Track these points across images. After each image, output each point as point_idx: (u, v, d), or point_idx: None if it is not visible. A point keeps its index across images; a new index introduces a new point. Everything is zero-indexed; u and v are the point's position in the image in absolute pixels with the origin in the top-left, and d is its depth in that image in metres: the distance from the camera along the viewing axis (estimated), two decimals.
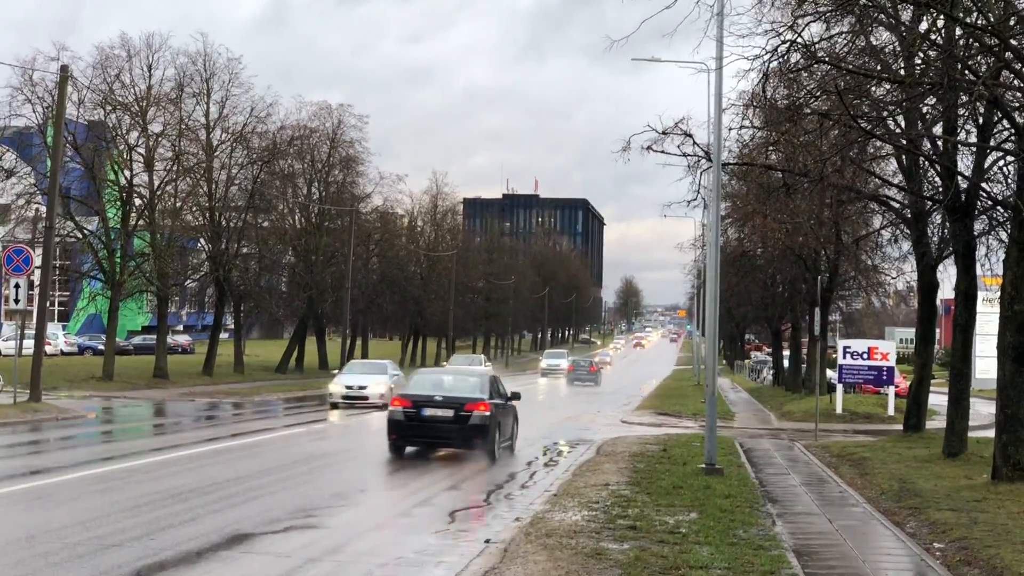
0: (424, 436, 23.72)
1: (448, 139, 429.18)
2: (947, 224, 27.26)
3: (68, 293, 76.52)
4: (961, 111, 22.22)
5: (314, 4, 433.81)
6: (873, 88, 20.95)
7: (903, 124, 24.49)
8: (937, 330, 38.89)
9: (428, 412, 23.24)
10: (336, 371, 45.82)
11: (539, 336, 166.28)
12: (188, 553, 12.35)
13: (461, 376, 26.32)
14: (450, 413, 23.17)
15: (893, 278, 45.54)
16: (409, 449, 23.93)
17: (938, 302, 34.18)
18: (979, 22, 17.41)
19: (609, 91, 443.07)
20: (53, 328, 71.77)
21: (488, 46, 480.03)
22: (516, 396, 25.78)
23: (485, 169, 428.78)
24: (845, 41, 21.68)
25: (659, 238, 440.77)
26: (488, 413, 23.21)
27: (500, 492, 18.55)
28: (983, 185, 23.74)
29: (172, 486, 17.88)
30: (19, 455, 23.17)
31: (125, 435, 28.95)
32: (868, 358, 35.12)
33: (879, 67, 21.20)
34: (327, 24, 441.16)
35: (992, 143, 22.49)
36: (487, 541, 13.30)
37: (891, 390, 37.54)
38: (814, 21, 20.26)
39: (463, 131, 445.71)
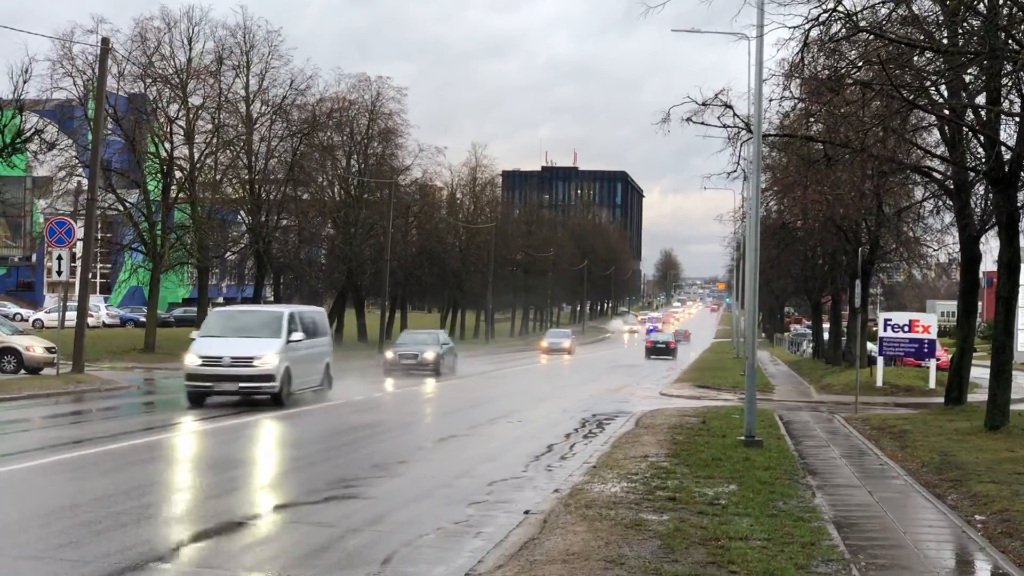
0: (657, 353, 74.41)
1: (517, 112, 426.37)
2: (990, 195, 27.01)
3: (110, 265, 77.22)
4: (1004, 80, 21.98)
5: None
6: (915, 58, 20.74)
7: (946, 94, 24.22)
8: (979, 302, 38.51)
9: (659, 345, 76.71)
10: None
11: (578, 309, 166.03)
12: (230, 523, 12.46)
13: (666, 332, 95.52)
14: (664, 345, 76.87)
15: (935, 250, 45.19)
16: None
17: (980, 274, 33.89)
18: None
19: (690, 62, 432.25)
20: (95, 300, 72.16)
21: (576, 16, 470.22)
22: (677, 340, 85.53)
23: (545, 143, 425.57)
24: (887, 10, 21.47)
25: (711, 209, 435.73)
26: (675, 345, 79.11)
27: (539, 464, 18.56)
28: None
29: (213, 456, 18.02)
30: (63, 425, 23.48)
31: (167, 406, 29.18)
32: (909, 331, 34.85)
33: (922, 36, 20.98)
34: None
35: None
36: (526, 512, 13.31)
37: (932, 363, 37.29)
38: None
39: (535, 103, 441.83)
